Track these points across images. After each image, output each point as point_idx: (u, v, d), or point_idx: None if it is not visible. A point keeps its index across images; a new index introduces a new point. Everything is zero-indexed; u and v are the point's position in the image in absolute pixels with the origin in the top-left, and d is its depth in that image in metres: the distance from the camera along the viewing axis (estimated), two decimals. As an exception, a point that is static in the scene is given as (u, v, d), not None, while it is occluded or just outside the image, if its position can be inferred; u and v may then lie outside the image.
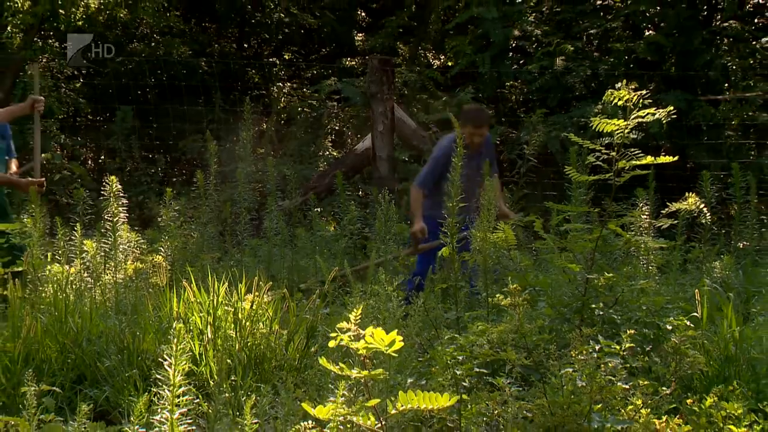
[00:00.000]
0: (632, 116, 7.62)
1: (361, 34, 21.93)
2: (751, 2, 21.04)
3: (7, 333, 8.62)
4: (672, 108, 7.54)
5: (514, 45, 19.44)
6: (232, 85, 21.25)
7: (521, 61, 19.36)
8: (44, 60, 20.16)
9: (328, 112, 20.32)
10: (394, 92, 15.97)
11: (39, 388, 7.11)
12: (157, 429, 5.27)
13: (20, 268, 8.47)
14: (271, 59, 22.33)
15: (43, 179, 11.67)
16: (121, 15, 19.86)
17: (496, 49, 18.96)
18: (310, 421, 5.67)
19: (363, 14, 22.25)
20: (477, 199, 11.19)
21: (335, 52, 21.66)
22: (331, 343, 5.75)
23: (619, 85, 7.63)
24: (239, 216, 14.45)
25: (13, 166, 12.77)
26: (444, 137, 12.43)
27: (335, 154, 18.52)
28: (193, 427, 5.56)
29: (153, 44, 20.74)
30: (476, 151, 11.80)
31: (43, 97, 11.33)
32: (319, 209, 15.57)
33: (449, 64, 19.68)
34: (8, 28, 19.27)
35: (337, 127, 20.01)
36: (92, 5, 19.54)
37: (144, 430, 5.35)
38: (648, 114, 7.50)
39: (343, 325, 5.71)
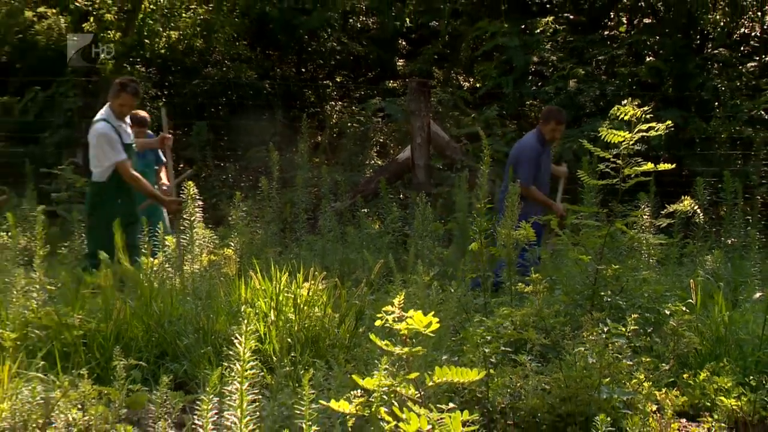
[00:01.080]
0: (636, 129, 7.63)
1: (402, 60, 21.89)
2: (738, 33, 20.95)
3: (101, 315, 8.65)
4: (670, 122, 7.56)
5: (533, 69, 19.40)
6: (292, 103, 21.26)
7: (539, 83, 19.32)
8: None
9: (373, 126, 20.28)
10: (430, 110, 15.94)
11: (127, 362, 7.12)
12: (228, 398, 5.26)
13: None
14: (324, 82, 22.31)
15: (182, 200, 11.65)
16: (198, 44, 19.88)
17: (518, 73, 18.93)
18: (358, 391, 5.66)
19: (404, 43, 22.21)
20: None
21: (380, 76, 21.63)
22: (378, 323, 5.75)
23: (625, 102, 7.63)
24: (297, 216, 14.48)
25: (163, 175, 12.77)
26: (524, 138, 12.29)
27: (380, 162, 18.47)
28: (259, 397, 5.56)
29: (224, 69, 20.72)
30: (550, 146, 11.81)
31: (171, 134, 11.31)
32: (365, 210, 15.53)
33: (477, 85, 19.63)
34: (102, 56, 19.29)
35: (381, 140, 19.96)
36: (173, 36, 19.58)
37: (217, 398, 5.34)
38: (650, 128, 7.50)
39: (388, 308, 5.71)
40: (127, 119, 11.07)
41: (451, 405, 5.44)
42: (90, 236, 11.50)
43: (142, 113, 12.55)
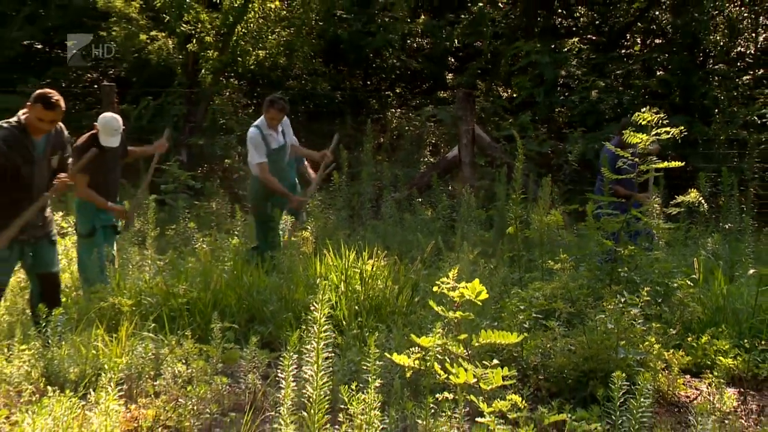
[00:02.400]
0: (653, 132, 7.56)
1: (450, 74, 21.80)
2: (735, 51, 20.78)
3: (201, 286, 8.69)
4: (683, 127, 7.51)
5: (561, 82, 19.27)
6: (359, 110, 21.20)
7: (566, 93, 19.18)
8: (228, 93, 20.13)
9: (427, 130, 20.20)
10: (474, 116, 15.87)
11: (223, 325, 7.14)
12: (306, 355, 5.24)
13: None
14: (386, 92, 22.27)
15: (307, 198, 11.88)
16: (281, 61, 19.83)
17: (548, 85, 18.82)
18: (416, 348, 5.63)
19: (452, 60, 22.13)
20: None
21: (432, 87, 21.56)
22: (435, 289, 5.73)
23: (644, 109, 7.56)
24: (363, 204, 14.49)
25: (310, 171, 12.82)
26: (609, 143, 12.11)
27: (432, 160, 18.39)
28: (331, 354, 5.53)
29: (303, 82, 20.69)
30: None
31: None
32: (420, 199, 15.52)
33: (514, 95, 19.51)
34: (202, 71, 19.34)
35: (433, 141, 19.88)
36: (261, 54, 19.57)
37: (297, 356, 5.32)
38: (665, 131, 7.42)
39: (444, 279, 5.67)
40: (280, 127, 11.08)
41: (494, 362, 5.41)
42: (255, 223, 11.47)
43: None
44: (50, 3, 20.91)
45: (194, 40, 19.49)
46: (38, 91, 7.68)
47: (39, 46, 21.16)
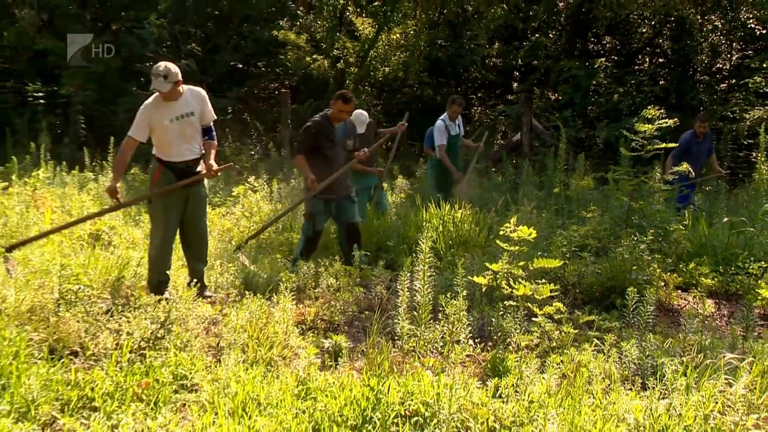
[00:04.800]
0: (656, 123, 7.58)
1: (515, 83, 21.51)
2: (715, 67, 20.27)
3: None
4: (676, 120, 7.62)
5: (592, 88, 18.91)
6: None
7: (596, 96, 18.85)
8: (363, 96, 20.12)
9: (499, 121, 20.01)
10: (532, 112, 15.70)
11: (359, 253, 7.15)
12: (416, 274, 5.24)
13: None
14: (471, 96, 22.07)
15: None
16: (400, 75, 19.77)
17: (583, 91, 18.51)
18: (489, 272, 5.60)
19: (517, 73, 21.82)
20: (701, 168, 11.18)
21: (503, 92, 21.32)
22: (501, 231, 5.71)
23: (650, 108, 7.71)
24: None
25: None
26: (686, 133, 11.68)
27: (502, 141, 18.21)
28: (433, 273, 5.53)
29: (414, 89, 20.56)
30: (703, 139, 11.20)
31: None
32: (494, 169, 15.40)
33: (559, 98, 19.19)
34: (347, 81, 19.40)
35: (503, 129, 19.66)
36: (386, 70, 19.56)
37: (410, 274, 5.32)
38: (665, 122, 7.51)
39: (508, 224, 5.63)
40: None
41: (543, 280, 5.36)
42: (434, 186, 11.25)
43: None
44: (248, 36, 21.12)
45: (342, 61, 19.56)
46: (339, 92, 7.82)
47: (240, 66, 21.40)
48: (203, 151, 6.71)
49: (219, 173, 6.89)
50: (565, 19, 21.65)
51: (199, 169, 6.70)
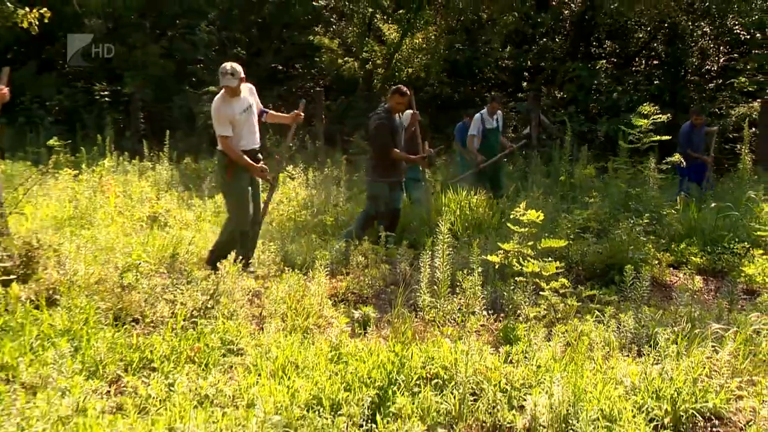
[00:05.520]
0: (651, 118, 7.52)
1: (525, 83, 21.27)
2: (704, 68, 20.02)
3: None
4: (669, 115, 7.56)
5: (594, 87, 18.71)
6: (468, 105, 20.75)
7: (597, 94, 18.65)
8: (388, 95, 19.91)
9: (510, 116, 19.83)
10: (540, 108, 15.57)
11: (386, 234, 7.15)
12: (436, 252, 5.24)
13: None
14: (486, 94, 21.81)
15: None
16: (422, 75, 19.62)
17: (586, 89, 18.36)
18: (501, 251, 5.58)
19: (526, 74, 21.57)
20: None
21: (514, 91, 21.03)
22: (512, 215, 5.68)
23: (647, 104, 7.63)
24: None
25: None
26: (685, 124, 11.49)
27: (513, 135, 18.08)
28: (450, 252, 5.51)
29: (434, 88, 20.26)
30: (700, 128, 11.08)
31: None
32: (505, 159, 15.32)
33: (564, 95, 19.02)
34: (374, 81, 19.35)
35: (514, 123, 19.43)
36: (409, 71, 19.45)
37: (431, 252, 5.32)
38: (659, 117, 7.44)
39: (518, 208, 5.60)
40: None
41: (550, 258, 5.33)
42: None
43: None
44: (287, 41, 21.10)
45: (370, 63, 19.50)
46: (395, 87, 7.78)
47: (280, 67, 21.37)
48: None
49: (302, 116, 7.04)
50: (569, 25, 21.43)
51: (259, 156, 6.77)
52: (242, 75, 6.45)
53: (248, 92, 6.71)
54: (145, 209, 8.55)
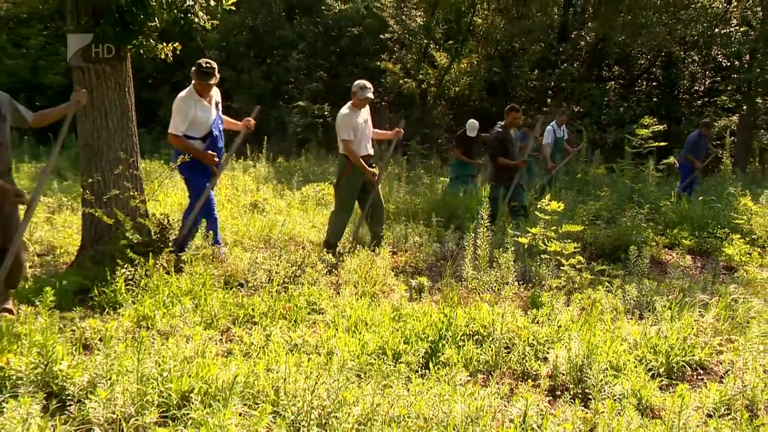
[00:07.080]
0: (650, 129, 7.28)
1: (549, 99, 20.80)
2: (693, 89, 19.38)
3: (426, 200, 8.61)
4: (665, 125, 7.43)
5: (605, 103, 18.24)
6: (501, 113, 20.62)
7: (607, 108, 18.18)
8: (439, 108, 19.74)
9: (537, 127, 19.43)
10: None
11: (437, 218, 7.07)
12: (477, 234, 5.18)
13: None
14: (514, 104, 21.49)
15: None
16: (466, 93, 19.39)
17: (598, 104, 17.92)
18: (529, 234, 5.49)
19: (550, 92, 21.08)
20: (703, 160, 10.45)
21: (540, 106, 20.56)
22: (538, 205, 5.58)
23: (647, 117, 7.49)
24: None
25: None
26: (693, 133, 10.97)
27: (537, 137, 17.69)
28: (489, 234, 5.43)
29: (476, 103, 20.00)
30: (706, 139, 10.67)
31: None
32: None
33: (581, 109, 18.53)
34: (428, 97, 19.19)
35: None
36: (456, 90, 19.20)
37: (473, 234, 5.26)
38: (656, 128, 7.23)
39: (543, 200, 5.49)
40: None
41: (568, 240, 5.22)
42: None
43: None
44: (359, 66, 20.99)
45: (425, 83, 19.37)
46: (510, 105, 7.62)
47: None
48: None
49: (402, 132, 6.58)
50: (585, 53, 20.90)
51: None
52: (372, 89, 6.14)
53: (365, 110, 6.25)
54: (247, 198, 8.65)
